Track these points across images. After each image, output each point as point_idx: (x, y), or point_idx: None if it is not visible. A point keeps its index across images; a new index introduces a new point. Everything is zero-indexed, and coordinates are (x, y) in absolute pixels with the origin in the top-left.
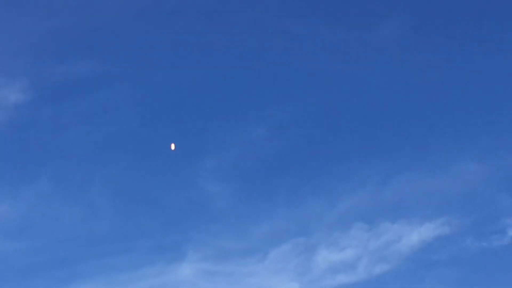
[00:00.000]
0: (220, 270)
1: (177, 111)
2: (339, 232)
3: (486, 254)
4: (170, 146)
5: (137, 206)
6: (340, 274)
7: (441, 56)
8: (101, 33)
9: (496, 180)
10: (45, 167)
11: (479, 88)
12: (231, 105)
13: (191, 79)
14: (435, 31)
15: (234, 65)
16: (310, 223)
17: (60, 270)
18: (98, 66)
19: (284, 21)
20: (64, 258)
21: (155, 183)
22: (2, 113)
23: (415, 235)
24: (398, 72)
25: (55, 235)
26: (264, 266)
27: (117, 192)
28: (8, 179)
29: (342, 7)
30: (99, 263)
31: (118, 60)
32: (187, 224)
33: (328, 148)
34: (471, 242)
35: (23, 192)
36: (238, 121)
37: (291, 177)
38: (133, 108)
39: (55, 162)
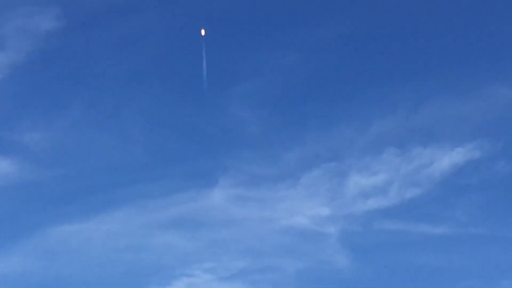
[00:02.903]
0: (252, 195)
1: (208, 38)
2: (371, 157)
3: None
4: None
5: (169, 132)
6: (372, 198)
7: None
8: None
9: None
10: (77, 94)
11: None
12: (261, 32)
13: (221, 5)
14: None
15: None
16: (341, 148)
17: (94, 196)
18: None
19: None
20: (97, 185)
21: (187, 110)
22: (35, 41)
23: (446, 159)
24: None
25: (88, 162)
26: (295, 192)
27: (149, 118)
28: (41, 107)
29: None
30: (132, 190)
31: None
32: (218, 150)
33: (358, 73)
34: (502, 166)
35: (56, 121)
36: (268, 47)
37: (321, 103)
38: (164, 36)
39: (87, 89)
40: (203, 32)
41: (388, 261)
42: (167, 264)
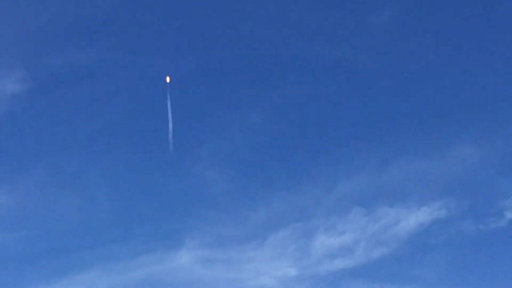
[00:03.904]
0: (218, 257)
1: (173, 99)
2: (337, 216)
3: (483, 237)
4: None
5: (134, 193)
6: (338, 258)
7: (436, 40)
8: (96, 23)
9: (492, 163)
10: (42, 157)
11: (475, 72)
12: (226, 92)
13: (186, 67)
14: (430, 16)
15: (228, 52)
16: (308, 208)
17: (59, 259)
18: (94, 55)
19: (278, 6)
20: (62, 247)
21: (152, 171)
22: (0, 104)
23: (412, 218)
24: (394, 56)
25: (53, 224)
26: (262, 252)
27: (114, 179)
28: (6, 169)
29: None
30: (98, 252)
31: (113, 49)
32: (184, 211)
33: (324, 133)
34: (468, 225)
35: (20, 183)
36: (233, 108)
37: (288, 163)
38: (128, 97)
39: (52, 152)
40: (168, 79)
41: None
42: None
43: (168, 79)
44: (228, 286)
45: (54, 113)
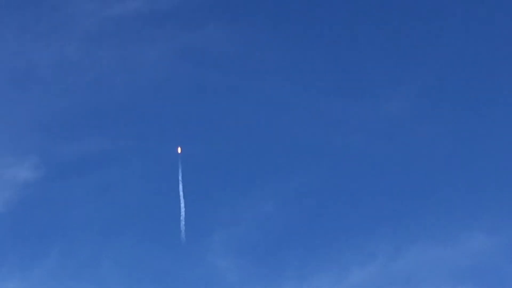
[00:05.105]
0: None
1: (185, 186)
2: None
3: None
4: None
5: (147, 282)
6: None
7: (448, 128)
8: (108, 111)
9: (506, 252)
10: (55, 244)
11: (487, 160)
12: (238, 180)
13: (198, 154)
14: (441, 104)
15: (241, 141)
16: None
17: None
18: (106, 143)
19: (291, 94)
20: None
21: (164, 258)
22: (13, 191)
23: None
24: (405, 144)
25: None
26: None
27: (127, 268)
28: (18, 257)
29: (349, 80)
30: None
31: (125, 137)
32: None
33: (336, 221)
34: None
35: (32, 270)
36: (246, 196)
37: (300, 251)
38: (141, 184)
39: (64, 238)
40: (179, 149)
41: None
42: None
43: (179, 150)
44: None
45: (66, 201)
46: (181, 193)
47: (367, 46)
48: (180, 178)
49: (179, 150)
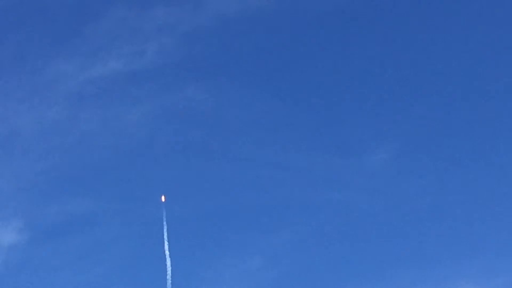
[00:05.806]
0: None
1: (172, 245)
2: None
3: None
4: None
5: None
6: None
7: (433, 180)
8: (91, 172)
9: None
10: None
11: (473, 210)
12: (225, 236)
13: (186, 213)
14: (425, 156)
15: (228, 197)
16: None
17: None
18: (90, 204)
19: (274, 152)
20: None
21: None
22: None
23: None
24: (391, 197)
25: None
26: None
27: None
28: None
29: (333, 136)
30: None
31: (109, 198)
32: None
33: (324, 275)
34: None
35: None
36: (233, 252)
37: None
38: (126, 244)
39: None
40: (163, 198)
41: None
42: None
43: (163, 198)
44: None
45: (51, 263)
46: (167, 252)
47: (349, 103)
48: (165, 237)
49: (163, 198)
